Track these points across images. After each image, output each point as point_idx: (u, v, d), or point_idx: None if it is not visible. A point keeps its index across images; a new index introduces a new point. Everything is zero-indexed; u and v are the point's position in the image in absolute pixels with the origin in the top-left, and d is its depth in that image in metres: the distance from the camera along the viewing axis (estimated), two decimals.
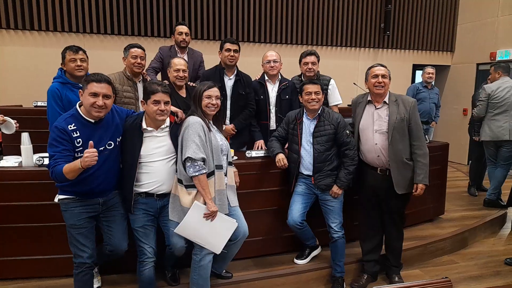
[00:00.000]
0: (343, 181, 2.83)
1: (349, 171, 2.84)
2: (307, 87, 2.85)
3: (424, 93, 5.44)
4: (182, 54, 4.02)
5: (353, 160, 2.85)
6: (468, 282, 3.17)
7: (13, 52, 5.29)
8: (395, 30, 7.19)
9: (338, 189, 2.85)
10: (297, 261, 3.17)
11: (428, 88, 5.44)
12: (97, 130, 2.29)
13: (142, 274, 2.47)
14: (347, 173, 2.84)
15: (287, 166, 2.92)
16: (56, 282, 2.74)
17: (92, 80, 2.22)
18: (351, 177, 2.86)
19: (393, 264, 3.07)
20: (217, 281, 2.80)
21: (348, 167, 2.84)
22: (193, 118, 2.42)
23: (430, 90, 5.44)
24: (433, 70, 5.43)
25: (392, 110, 2.79)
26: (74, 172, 2.11)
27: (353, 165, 2.85)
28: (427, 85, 5.44)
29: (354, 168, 2.86)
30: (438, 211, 4.23)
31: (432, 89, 5.47)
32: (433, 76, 5.42)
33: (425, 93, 5.43)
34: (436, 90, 5.53)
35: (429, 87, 5.44)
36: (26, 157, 2.72)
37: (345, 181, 2.84)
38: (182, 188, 2.40)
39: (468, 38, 7.33)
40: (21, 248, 2.71)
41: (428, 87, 5.44)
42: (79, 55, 2.90)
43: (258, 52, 6.11)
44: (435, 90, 5.53)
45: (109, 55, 5.44)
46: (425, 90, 5.45)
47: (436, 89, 5.56)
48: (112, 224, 2.43)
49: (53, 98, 2.84)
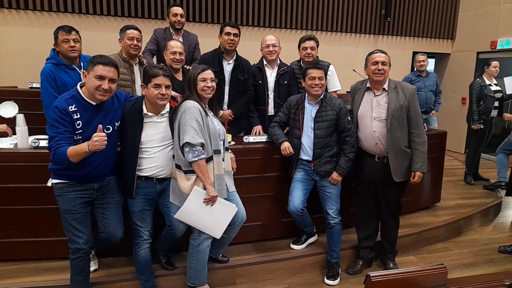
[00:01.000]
0: (344, 168, 2.83)
1: (349, 158, 2.84)
2: (311, 71, 2.81)
3: (418, 82, 5.25)
4: (177, 36, 3.96)
5: (353, 147, 2.85)
6: (461, 269, 3.21)
7: (7, 32, 5.19)
8: (396, 17, 7.10)
9: (338, 176, 2.85)
10: (294, 246, 3.19)
11: (423, 76, 5.26)
12: (97, 113, 2.24)
13: (138, 255, 2.48)
14: (347, 160, 2.84)
15: (292, 153, 2.90)
16: (53, 264, 2.75)
17: (98, 62, 2.16)
18: (351, 164, 2.86)
19: (388, 251, 3.09)
20: (213, 265, 2.82)
21: (348, 154, 2.84)
22: (190, 103, 2.38)
23: (425, 78, 5.25)
24: (424, 57, 5.25)
25: (392, 97, 2.77)
26: (79, 156, 2.07)
27: (353, 152, 2.86)
28: (420, 74, 5.27)
29: (354, 155, 2.86)
30: (434, 199, 4.25)
31: (427, 76, 5.28)
32: (425, 64, 5.23)
33: (419, 82, 5.24)
34: (433, 77, 5.33)
35: (423, 75, 5.26)
36: (22, 139, 2.68)
37: (345, 168, 2.83)
38: (181, 174, 2.38)
39: (469, 26, 7.26)
40: (18, 230, 2.70)
41: (422, 75, 5.27)
42: (72, 36, 2.81)
43: (256, 37, 6.03)
44: (432, 76, 5.32)
45: (104, 37, 5.36)
46: (419, 79, 5.26)
47: (433, 76, 5.37)
48: (107, 211, 2.41)
49: (46, 79, 2.78)
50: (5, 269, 2.67)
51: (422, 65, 5.23)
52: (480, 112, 4.92)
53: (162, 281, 2.69)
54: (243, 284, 2.89)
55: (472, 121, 4.93)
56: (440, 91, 5.42)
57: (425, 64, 5.26)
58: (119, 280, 2.64)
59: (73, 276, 2.34)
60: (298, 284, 2.93)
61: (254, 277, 2.94)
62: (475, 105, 4.94)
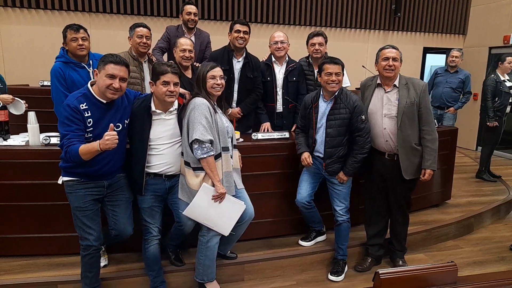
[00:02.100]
0: (350, 169, 2.76)
1: (356, 159, 2.74)
2: (328, 67, 2.69)
3: (441, 77, 5.19)
4: (189, 34, 3.96)
5: (362, 148, 2.73)
6: (472, 267, 3.18)
7: (19, 31, 5.26)
8: (406, 12, 7.01)
9: (344, 176, 2.80)
10: (302, 242, 3.18)
11: (450, 72, 5.16)
12: (107, 111, 2.26)
13: (147, 251, 2.50)
14: (354, 161, 2.74)
15: (311, 165, 2.86)
16: (64, 259, 2.79)
17: (110, 61, 2.18)
18: (358, 165, 2.76)
19: (397, 248, 3.07)
20: (221, 261, 2.83)
21: (356, 156, 2.74)
22: (199, 100, 2.39)
23: (451, 74, 5.15)
24: (457, 53, 5.11)
25: (402, 94, 2.74)
26: (90, 154, 2.09)
27: (362, 153, 2.74)
28: (448, 69, 5.19)
29: (362, 157, 2.75)
30: (444, 196, 4.20)
31: (455, 73, 5.15)
32: (456, 60, 5.09)
33: (442, 77, 5.18)
34: (460, 75, 5.14)
35: (451, 71, 5.16)
36: (33, 136, 2.72)
37: (351, 169, 2.76)
38: (190, 171, 2.39)
39: (481, 20, 7.14)
40: (30, 227, 2.74)
41: (449, 71, 5.17)
42: (80, 34, 2.83)
43: (265, 33, 6.01)
44: (460, 74, 5.14)
45: (115, 35, 5.40)
46: (444, 74, 5.19)
47: (462, 74, 5.15)
48: (117, 208, 2.43)
49: (56, 78, 2.81)
50: (17, 264, 2.72)
51: (452, 61, 5.12)
52: (495, 108, 4.83)
53: (171, 277, 2.71)
54: (251, 280, 2.90)
55: (488, 118, 4.82)
56: (468, 91, 5.18)
57: (457, 61, 5.11)
58: (128, 275, 2.67)
59: (84, 272, 2.37)
60: (306, 281, 2.93)
61: (262, 273, 2.94)
62: (490, 102, 4.81)
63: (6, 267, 2.68)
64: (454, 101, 5.18)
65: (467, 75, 5.17)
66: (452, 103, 5.18)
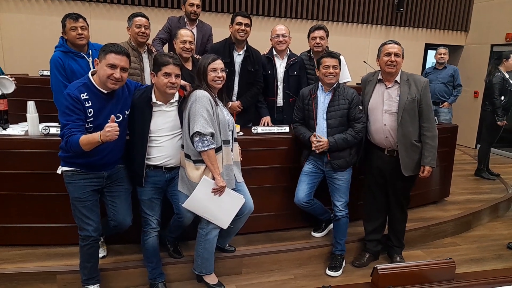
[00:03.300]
0: (334, 140, 2.74)
1: (345, 138, 2.75)
2: (325, 60, 2.77)
3: (431, 75, 5.32)
4: (191, 26, 3.91)
5: (357, 133, 2.77)
6: (469, 264, 3.19)
7: (18, 20, 5.21)
8: (409, 7, 6.97)
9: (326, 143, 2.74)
10: (314, 234, 3.23)
11: (439, 69, 5.29)
12: (108, 102, 2.25)
13: (146, 243, 2.50)
14: (343, 138, 2.75)
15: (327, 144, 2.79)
16: (63, 250, 2.80)
17: (111, 51, 2.16)
18: (342, 144, 2.75)
19: (395, 244, 3.08)
20: (220, 254, 2.84)
21: (348, 136, 2.75)
22: (200, 92, 2.37)
23: (441, 71, 5.28)
24: (444, 50, 5.27)
25: (403, 90, 2.73)
26: (91, 145, 2.08)
27: (354, 136, 2.76)
28: (437, 66, 5.31)
29: (352, 140, 2.76)
30: (443, 193, 4.21)
31: (443, 69, 5.28)
32: (444, 57, 5.24)
33: (432, 75, 5.32)
34: (449, 70, 5.27)
35: (439, 68, 5.29)
36: (32, 126, 2.71)
37: (335, 141, 2.73)
38: (190, 163, 2.39)
39: (484, 17, 7.10)
40: (28, 216, 2.74)
41: (438, 68, 5.30)
42: (80, 23, 2.80)
43: (266, 26, 5.98)
44: (448, 69, 5.28)
45: (115, 25, 5.36)
46: (434, 71, 5.33)
47: (451, 68, 5.28)
48: (117, 199, 2.43)
49: (56, 67, 2.78)
50: (16, 254, 2.72)
51: (441, 58, 5.25)
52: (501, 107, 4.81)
53: (169, 269, 2.72)
54: (249, 273, 2.91)
55: (497, 117, 4.78)
56: (458, 84, 5.29)
57: (445, 58, 5.26)
58: (127, 267, 2.68)
59: (83, 263, 2.38)
60: (303, 275, 2.94)
61: (260, 267, 2.95)
62: (498, 100, 4.78)
63: (5, 257, 2.69)
64: (447, 95, 5.30)
65: (455, 69, 5.33)
66: (446, 97, 5.29)
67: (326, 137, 2.81)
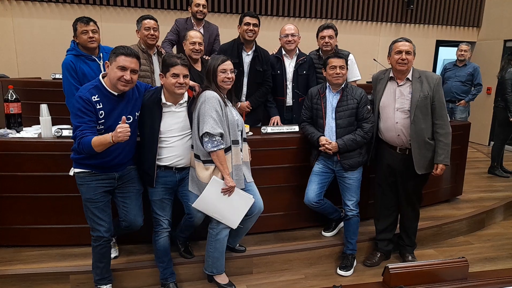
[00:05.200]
0: (343, 142, 2.74)
1: (355, 139, 2.74)
2: (332, 60, 2.76)
3: (450, 71, 5.24)
4: (198, 26, 3.95)
5: (366, 133, 2.76)
6: (483, 263, 3.14)
7: (30, 25, 5.30)
8: (419, 4, 6.88)
9: (335, 145, 2.74)
10: (325, 233, 3.22)
11: (459, 66, 5.18)
12: (119, 104, 2.28)
13: (157, 243, 2.52)
14: (352, 139, 2.74)
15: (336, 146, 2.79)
16: (76, 250, 2.83)
17: (121, 53, 2.19)
18: (352, 144, 2.74)
19: (407, 243, 3.05)
20: (230, 254, 2.85)
21: (357, 136, 2.75)
22: (210, 93, 2.39)
23: (460, 68, 5.17)
24: (466, 47, 5.14)
25: (416, 87, 2.70)
26: (103, 146, 2.11)
27: (363, 137, 2.76)
28: (456, 63, 5.22)
29: (362, 140, 2.76)
30: (455, 191, 4.15)
31: (463, 67, 5.16)
32: (465, 54, 5.12)
33: (451, 71, 5.23)
34: (469, 68, 5.14)
35: (459, 65, 5.19)
36: (45, 129, 2.75)
37: (344, 142, 2.73)
38: (200, 164, 2.40)
39: (496, 12, 6.98)
40: (42, 218, 2.79)
41: (458, 65, 5.19)
42: (90, 27, 2.84)
43: (275, 26, 5.97)
44: (468, 67, 5.15)
45: (125, 28, 5.40)
46: (453, 68, 5.23)
47: (471, 66, 5.15)
48: (128, 200, 2.46)
49: (67, 71, 2.82)
50: (30, 255, 2.77)
51: (461, 55, 5.15)
52: None
53: (180, 268, 2.74)
54: (260, 273, 2.92)
55: (510, 113, 4.70)
56: (478, 83, 5.15)
57: (465, 55, 5.15)
58: (138, 267, 2.70)
59: (95, 263, 2.41)
60: (314, 274, 2.93)
61: (270, 266, 2.95)
62: (511, 96, 4.71)
63: (20, 257, 2.73)
64: (464, 94, 5.17)
65: (475, 68, 5.17)
66: (462, 96, 5.17)
67: (335, 136, 2.80)
